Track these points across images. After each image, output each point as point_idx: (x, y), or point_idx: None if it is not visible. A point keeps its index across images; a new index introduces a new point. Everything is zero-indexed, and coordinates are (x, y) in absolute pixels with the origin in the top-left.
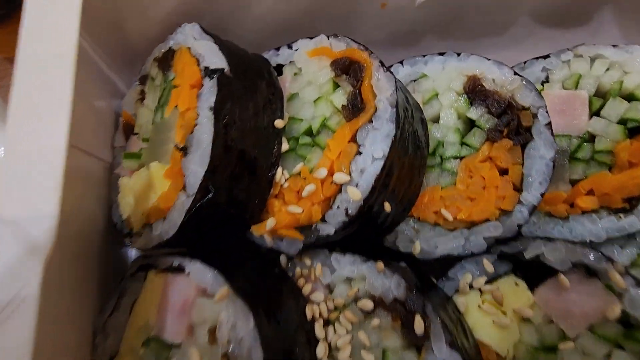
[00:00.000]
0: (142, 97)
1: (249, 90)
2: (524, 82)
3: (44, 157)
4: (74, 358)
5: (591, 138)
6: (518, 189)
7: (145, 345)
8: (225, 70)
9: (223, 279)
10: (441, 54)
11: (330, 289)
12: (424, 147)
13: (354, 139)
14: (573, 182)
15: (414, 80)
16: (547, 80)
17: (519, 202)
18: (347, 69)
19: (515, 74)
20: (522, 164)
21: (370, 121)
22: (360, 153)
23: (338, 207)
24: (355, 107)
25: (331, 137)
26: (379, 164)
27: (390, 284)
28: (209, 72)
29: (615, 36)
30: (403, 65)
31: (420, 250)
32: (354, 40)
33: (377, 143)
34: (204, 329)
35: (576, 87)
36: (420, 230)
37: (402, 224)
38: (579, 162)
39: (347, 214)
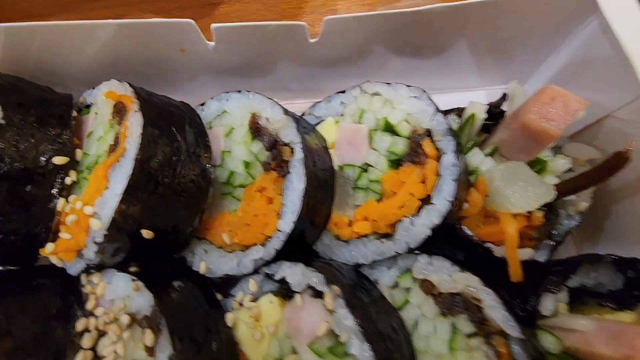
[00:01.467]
0: None
1: (29, 133)
2: (289, 121)
3: None
4: None
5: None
6: None
7: None
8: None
9: None
10: (239, 91)
11: (113, 304)
12: (194, 177)
13: (106, 176)
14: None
15: (219, 115)
16: (343, 114)
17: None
18: (120, 112)
19: (286, 112)
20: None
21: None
22: (107, 188)
23: (91, 235)
24: (115, 147)
25: None
26: (118, 199)
27: (143, 303)
28: None
29: None
30: (214, 100)
31: (207, 269)
32: (131, 85)
33: (119, 180)
34: None
35: (360, 121)
36: (209, 251)
37: (197, 245)
38: (360, 190)
39: (94, 242)
